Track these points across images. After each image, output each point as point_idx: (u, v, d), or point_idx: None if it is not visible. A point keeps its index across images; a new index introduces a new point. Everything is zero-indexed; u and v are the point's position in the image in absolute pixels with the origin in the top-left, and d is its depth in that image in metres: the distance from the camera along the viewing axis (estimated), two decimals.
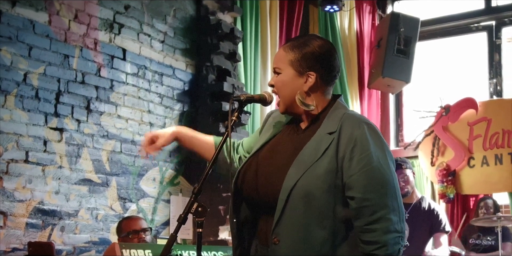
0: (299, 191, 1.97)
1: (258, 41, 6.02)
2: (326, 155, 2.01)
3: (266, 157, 2.15)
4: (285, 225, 1.98)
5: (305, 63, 2.10)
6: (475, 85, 7.32)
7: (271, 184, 2.05)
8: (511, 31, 7.22)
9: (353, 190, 1.98)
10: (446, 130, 6.91)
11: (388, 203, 1.97)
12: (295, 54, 2.11)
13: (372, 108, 7.29)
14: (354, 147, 2.00)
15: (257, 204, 2.12)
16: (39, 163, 4.28)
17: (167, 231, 5.15)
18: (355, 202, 1.97)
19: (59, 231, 4.34)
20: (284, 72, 2.13)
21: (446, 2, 7.48)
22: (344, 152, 2.00)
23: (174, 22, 5.46)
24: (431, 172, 6.90)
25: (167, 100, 5.31)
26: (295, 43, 2.14)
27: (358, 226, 1.98)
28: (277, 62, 2.16)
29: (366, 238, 1.96)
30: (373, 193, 1.97)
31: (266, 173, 2.09)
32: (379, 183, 1.98)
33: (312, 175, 1.98)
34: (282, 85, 2.13)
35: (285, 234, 1.98)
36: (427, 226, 4.79)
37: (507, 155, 6.60)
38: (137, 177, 4.98)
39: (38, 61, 4.34)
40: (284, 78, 2.12)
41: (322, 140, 2.04)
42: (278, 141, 2.20)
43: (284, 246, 1.98)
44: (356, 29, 7.29)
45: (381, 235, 1.94)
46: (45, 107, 4.36)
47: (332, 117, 2.09)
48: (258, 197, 2.09)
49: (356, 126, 2.03)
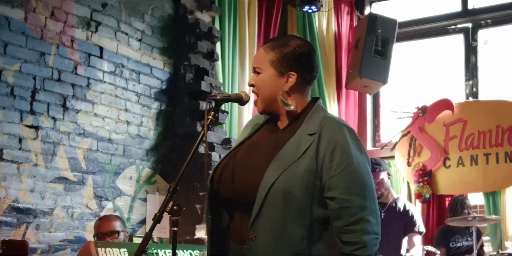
0: (278, 189, 1.99)
1: (236, 41, 6.02)
2: (305, 155, 2.03)
3: (244, 156, 2.16)
4: (263, 222, 1.99)
5: (286, 63, 2.12)
6: (451, 87, 7.37)
7: (250, 181, 2.05)
8: (487, 33, 7.30)
9: (333, 190, 2.00)
10: (422, 130, 6.97)
11: (367, 205, 2.00)
12: (276, 54, 2.12)
13: (349, 109, 7.33)
14: (335, 149, 2.02)
15: (234, 203, 2.12)
16: (14, 161, 4.25)
17: (143, 229, 5.14)
18: (335, 203, 1.99)
19: (34, 229, 4.32)
20: (264, 72, 2.14)
21: (424, 4, 7.55)
22: (324, 153, 2.02)
23: (152, 21, 5.46)
24: (408, 172, 6.96)
25: (144, 99, 5.30)
26: (275, 43, 2.16)
27: (338, 227, 1.99)
28: (257, 62, 2.16)
29: (346, 239, 1.98)
30: (354, 195, 1.99)
31: (244, 171, 2.10)
32: (359, 185, 2.01)
33: (291, 174, 2.00)
34: (263, 84, 2.14)
35: (262, 231, 1.99)
36: (402, 226, 4.84)
37: (483, 155, 6.67)
38: (113, 175, 4.96)
39: (13, 59, 4.31)
40: (265, 78, 2.13)
41: (302, 141, 2.06)
42: (256, 140, 2.21)
43: (261, 243, 1.99)
44: (334, 30, 7.32)
45: (361, 236, 1.97)
46: (20, 105, 4.33)
47: (313, 119, 2.12)
48: (235, 195, 2.09)
49: (336, 129, 2.06)
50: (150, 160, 5.30)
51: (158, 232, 5.08)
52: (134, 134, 5.17)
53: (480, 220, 5.52)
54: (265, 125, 2.25)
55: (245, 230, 2.04)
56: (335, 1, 7.24)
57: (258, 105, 2.18)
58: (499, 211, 6.43)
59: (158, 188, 5.36)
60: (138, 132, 5.21)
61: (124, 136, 5.08)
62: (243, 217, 2.07)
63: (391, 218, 4.82)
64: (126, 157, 5.08)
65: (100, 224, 4.17)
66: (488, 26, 7.24)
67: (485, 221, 5.78)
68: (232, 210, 2.14)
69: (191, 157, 2.11)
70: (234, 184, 2.10)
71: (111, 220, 4.21)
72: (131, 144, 5.13)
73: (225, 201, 2.15)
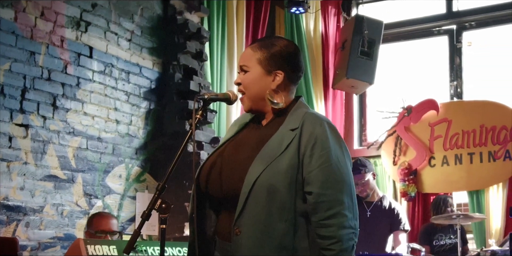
0: (262, 184, 2.02)
1: (225, 41, 6.08)
2: (288, 150, 2.06)
3: (230, 153, 2.19)
4: (247, 217, 2.02)
5: (274, 62, 2.17)
6: (436, 87, 7.45)
7: (234, 177, 2.08)
8: (472, 35, 7.39)
9: (311, 185, 2.04)
10: (408, 130, 7.05)
11: (344, 200, 2.04)
12: (264, 53, 2.17)
13: (336, 109, 7.39)
14: (315, 144, 2.06)
15: (220, 199, 2.15)
16: (4, 159, 4.27)
17: (132, 227, 5.16)
18: (312, 197, 2.03)
19: (23, 227, 4.33)
20: (252, 70, 2.18)
21: (409, 6, 7.63)
22: (305, 148, 2.06)
23: (142, 21, 5.50)
24: (393, 171, 7.03)
25: (133, 98, 5.34)
26: (262, 43, 2.21)
27: (314, 221, 2.03)
28: (245, 60, 2.20)
29: (322, 233, 2.02)
30: (330, 189, 2.03)
31: (229, 168, 2.13)
32: (336, 180, 2.05)
33: (275, 169, 2.03)
34: (250, 83, 2.18)
35: (247, 225, 2.02)
36: (387, 224, 4.92)
37: (467, 155, 6.77)
38: (103, 174, 4.99)
39: (3, 58, 4.33)
40: (252, 76, 2.18)
41: (285, 136, 2.10)
42: (240, 137, 2.25)
43: (245, 237, 2.02)
44: (321, 31, 7.38)
45: (336, 231, 2.00)
46: (10, 104, 4.35)
47: (295, 115, 2.16)
48: (221, 192, 2.12)
49: (317, 124, 2.11)
50: (139, 158, 5.35)
51: (147, 229, 5.12)
52: (124, 133, 5.21)
53: (464, 218, 5.58)
54: (249, 123, 2.30)
55: (231, 226, 2.07)
56: (322, 3, 7.30)
57: (244, 103, 2.22)
58: (483, 209, 6.52)
59: (147, 186, 5.40)
60: (127, 130, 5.25)
61: (113, 134, 5.12)
62: (230, 213, 2.09)
63: (376, 216, 4.90)
64: (115, 156, 5.11)
65: (102, 221, 4.13)
66: (472, 28, 7.33)
67: (470, 219, 5.83)
68: (219, 207, 2.17)
69: (179, 156, 2.13)
70: (221, 181, 2.12)
71: (112, 218, 4.21)
72: (120, 143, 5.17)
73: (212, 198, 2.17)
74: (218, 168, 2.16)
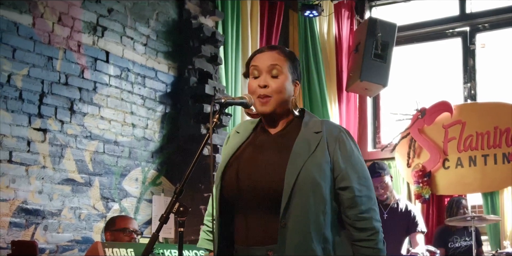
0: (305, 178, 2.09)
1: (239, 45, 6.11)
2: (319, 149, 2.16)
3: (252, 159, 2.21)
4: (294, 209, 2.08)
5: (296, 72, 2.27)
6: (450, 89, 7.44)
7: (273, 177, 2.12)
8: (485, 37, 7.38)
9: (347, 180, 2.16)
10: (421, 132, 7.05)
11: (372, 196, 2.21)
12: (291, 62, 2.25)
13: (350, 111, 7.40)
14: (340, 145, 2.19)
15: (254, 203, 2.16)
16: (22, 163, 4.32)
17: (149, 230, 5.21)
18: (349, 192, 2.15)
19: (42, 230, 4.38)
20: (283, 75, 2.22)
21: (422, 8, 7.63)
22: (333, 148, 2.18)
23: (157, 26, 5.55)
24: (407, 173, 7.03)
25: (149, 102, 5.39)
26: (285, 51, 2.27)
27: (352, 214, 2.15)
28: (277, 60, 2.22)
29: (360, 226, 2.14)
30: (364, 186, 2.18)
31: (260, 171, 2.16)
32: (366, 177, 2.21)
33: (312, 164, 2.12)
34: (283, 87, 2.21)
35: (292, 218, 2.07)
36: (404, 226, 4.93)
37: (481, 156, 6.76)
38: (119, 177, 5.04)
39: (22, 63, 4.38)
40: (284, 82, 2.22)
41: (311, 138, 2.18)
42: (257, 143, 2.28)
43: (291, 228, 2.07)
44: (335, 34, 7.40)
45: (373, 223, 2.15)
46: (28, 108, 4.40)
47: (311, 121, 2.25)
48: (256, 195, 2.14)
49: (337, 129, 2.24)
50: (155, 161, 5.39)
51: (163, 232, 5.16)
52: (140, 136, 5.26)
53: (479, 220, 5.58)
54: (254, 132, 2.34)
55: (261, 229, 2.12)
56: (335, 6, 7.31)
57: (269, 105, 2.22)
58: (498, 211, 6.51)
59: (163, 189, 5.45)
60: (143, 134, 5.30)
61: (130, 138, 5.17)
62: (264, 215, 2.13)
63: (393, 218, 4.91)
64: (132, 159, 5.16)
65: (126, 220, 4.23)
66: (485, 30, 7.32)
67: (484, 221, 5.83)
68: (246, 211, 2.19)
69: (197, 159, 2.14)
70: (254, 184, 2.15)
71: (133, 219, 4.33)
72: (136, 146, 5.22)
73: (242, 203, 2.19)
74: (246, 174, 2.18)
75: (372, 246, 2.13)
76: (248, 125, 2.37)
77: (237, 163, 2.24)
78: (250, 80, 2.27)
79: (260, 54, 2.27)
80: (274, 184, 2.11)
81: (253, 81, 2.24)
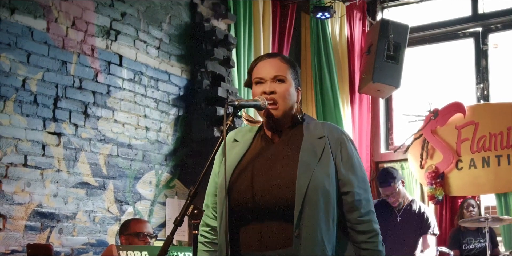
0: (315, 187, 2.11)
1: (252, 47, 6.13)
2: (324, 156, 2.19)
3: (261, 171, 2.21)
4: (305, 220, 2.09)
5: (298, 79, 2.30)
6: (462, 90, 7.43)
7: (283, 190, 2.13)
8: (497, 37, 7.36)
9: (348, 185, 2.20)
10: (434, 133, 7.04)
11: (370, 198, 2.26)
12: (293, 69, 2.28)
13: (362, 113, 7.40)
14: (341, 148, 2.23)
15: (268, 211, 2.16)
16: (37, 167, 4.34)
17: (163, 233, 5.23)
18: (350, 196, 2.19)
19: (57, 233, 4.41)
20: (288, 82, 2.24)
21: (434, 9, 7.62)
22: (335, 153, 2.21)
23: (170, 29, 5.57)
24: (420, 174, 7.02)
25: (162, 105, 5.41)
26: (287, 59, 2.30)
27: (353, 218, 2.19)
28: (280, 70, 2.24)
29: (361, 228, 2.19)
30: (363, 189, 2.23)
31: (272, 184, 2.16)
32: (364, 180, 2.26)
33: (320, 172, 2.15)
34: (288, 94, 2.23)
35: (305, 227, 2.09)
36: (417, 228, 4.91)
37: (494, 157, 6.74)
38: (133, 180, 5.06)
39: (36, 67, 4.41)
40: (289, 88, 2.24)
41: (315, 143, 2.21)
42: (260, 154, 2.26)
43: (305, 237, 2.09)
44: (347, 35, 7.40)
45: (372, 225, 2.20)
46: (43, 112, 4.43)
47: (313, 125, 2.28)
48: (266, 208, 2.15)
49: (338, 132, 2.28)
50: (169, 164, 5.41)
51: (177, 235, 5.15)
52: (153, 140, 5.28)
53: (493, 221, 5.57)
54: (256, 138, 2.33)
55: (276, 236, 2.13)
56: (347, 7, 7.31)
57: (277, 111, 2.23)
58: (511, 212, 6.49)
59: (177, 192, 5.46)
60: (157, 137, 5.32)
61: (143, 141, 5.19)
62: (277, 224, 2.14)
63: (406, 220, 4.90)
64: (145, 162, 5.19)
65: (141, 224, 4.21)
66: (498, 30, 7.30)
67: (499, 222, 5.81)
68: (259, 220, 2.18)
69: (210, 161, 2.17)
70: (268, 197, 2.15)
71: (148, 223, 4.32)
72: (150, 149, 5.24)
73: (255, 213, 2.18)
74: (262, 182, 2.18)
75: (372, 248, 2.19)
76: (247, 133, 2.35)
77: (246, 175, 2.22)
78: (254, 87, 2.27)
79: (262, 63, 2.27)
80: (286, 195, 2.13)
81: (257, 87, 2.25)
